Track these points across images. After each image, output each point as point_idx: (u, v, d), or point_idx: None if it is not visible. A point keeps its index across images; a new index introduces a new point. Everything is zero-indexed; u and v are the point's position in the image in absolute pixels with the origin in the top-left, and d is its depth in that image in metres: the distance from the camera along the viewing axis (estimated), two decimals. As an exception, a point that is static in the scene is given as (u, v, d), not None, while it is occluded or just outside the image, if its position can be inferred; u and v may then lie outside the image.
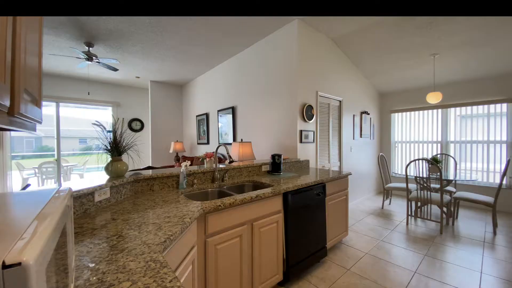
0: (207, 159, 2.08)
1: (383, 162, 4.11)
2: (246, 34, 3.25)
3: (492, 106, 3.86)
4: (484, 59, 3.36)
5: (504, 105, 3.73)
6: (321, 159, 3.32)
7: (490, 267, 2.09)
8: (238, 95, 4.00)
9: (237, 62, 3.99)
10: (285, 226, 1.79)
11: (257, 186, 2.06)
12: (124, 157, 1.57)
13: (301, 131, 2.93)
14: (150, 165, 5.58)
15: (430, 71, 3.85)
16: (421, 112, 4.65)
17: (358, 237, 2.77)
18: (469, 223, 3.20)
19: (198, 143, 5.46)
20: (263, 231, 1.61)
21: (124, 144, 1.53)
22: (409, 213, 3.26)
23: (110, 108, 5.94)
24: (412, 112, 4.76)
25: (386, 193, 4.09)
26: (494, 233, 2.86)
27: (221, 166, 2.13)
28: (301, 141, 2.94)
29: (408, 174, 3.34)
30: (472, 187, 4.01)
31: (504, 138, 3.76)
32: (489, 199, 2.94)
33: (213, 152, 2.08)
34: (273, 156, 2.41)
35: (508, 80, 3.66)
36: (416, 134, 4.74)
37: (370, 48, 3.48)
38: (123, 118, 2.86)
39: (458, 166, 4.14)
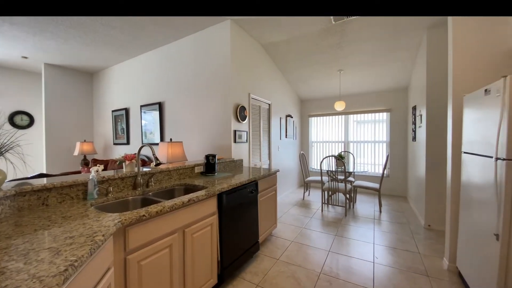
0: (127, 162, 1.79)
1: (304, 159, 4.69)
2: (175, 25, 3.00)
3: (377, 114, 5.04)
4: (373, 78, 4.34)
5: (385, 114, 4.95)
6: (254, 158, 3.46)
7: (379, 238, 2.73)
8: (166, 90, 3.66)
9: (166, 53, 3.64)
10: (220, 227, 1.76)
11: (189, 189, 1.94)
12: (1, 162, 1.15)
13: (235, 131, 2.96)
14: (44, 172, 4.36)
15: (337, 83, 4.67)
16: (331, 117, 5.58)
17: (285, 227, 3.05)
18: (364, 206, 4.08)
19: (115, 144, 4.66)
20: (196, 237, 1.53)
21: (-3, 145, 1.12)
22: (323, 201, 3.85)
23: (-28, 95, 4.27)
24: (325, 117, 5.65)
25: (306, 185, 4.68)
26: (380, 211, 3.75)
27: (145, 169, 1.89)
28: (235, 141, 2.97)
29: (322, 168, 3.93)
30: (365, 177, 5.12)
31: (385, 139, 4.98)
32: (376, 185, 3.83)
33: (135, 153, 1.81)
34: (207, 157, 2.33)
35: (387, 95, 4.87)
36: (327, 135, 5.66)
37: (294, 58, 3.89)
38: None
39: (355, 160, 5.22)
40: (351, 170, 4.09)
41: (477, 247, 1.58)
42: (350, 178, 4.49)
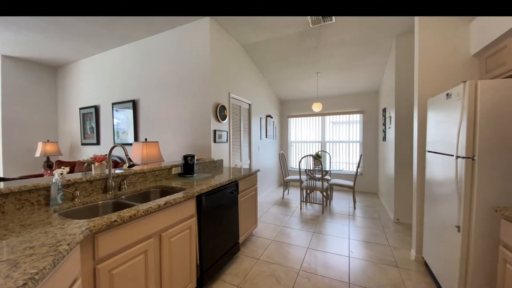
0: (97, 164, 1.67)
1: (283, 159, 4.76)
2: (152, 19, 2.87)
3: (351, 115, 5.30)
4: (348, 80, 4.55)
5: (358, 115, 5.21)
6: (234, 158, 3.43)
7: (353, 233, 2.86)
8: (141, 87, 3.47)
9: (141, 48, 3.46)
10: (199, 230, 1.71)
11: (166, 191, 1.86)
12: None
13: (215, 130, 2.90)
14: (0, 175, 3.91)
15: (315, 85, 4.82)
16: (309, 117, 5.74)
17: (265, 227, 3.07)
18: (339, 202, 4.25)
19: (83, 144, 4.33)
20: (174, 241, 1.47)
21: None
22: (302, 199, 3.94)
23: None
24: (303, 118, 5.79)
25: (285, 184, 4.76)
26: (354, 207, 3.94)
27: (117, 171, 1.77)
28: (215, 141, 2.91)
29: (300, 168, 4.02)
30: (340, 175, 5.35)
31: (358, 139, 5.25)
32: (350, 183, 4.02)
33: (106, 154, 1.69)
34: (185, 157, 2.26)
35: (360, 98, 5.14)
36: (305, 135, 5.81)
37: (273, 59, 3.93)
38: None
39: (331, 159, 5.44)
40: (327, 169, 4.25)
41: (440, 238, 1.72)
42: (327, 177, 4.66)
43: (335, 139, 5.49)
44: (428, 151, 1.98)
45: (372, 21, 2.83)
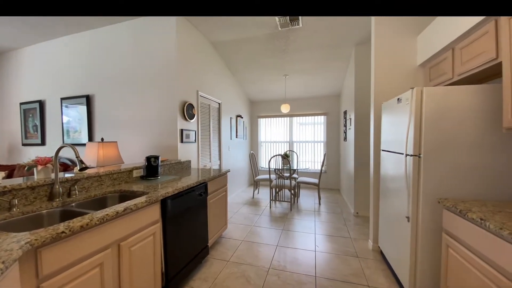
0: (39, 167, 1.45)
1: (253, 159, 4.80)
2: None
3: (316, 117, 5.59)
4: (313, 84, 4.78)
5: (323, 117, 5.53)
6: (203, 158, 3.33)
7: (319, 228, 3.01)
8: (97, 81, 3.14)
9: (96, 38, 3.12)
10: (164, 236, 1.61)
11: (126, 196, 1.71)
12: None
13: (182, 130, 2.77)
14: None
15: (283, 87, 4.96)
16: (278, 118, 5.88)
17: (235, 227, 3.04)
18: (306, 199, 4.45)
19: (24, 144, 3.74)
20: (135, 250, 1.35)
21: None
22: (271, 198, 4.02)
23: None
24: (273, 118, 5.92)
25: (255, 184, 4.80)
26: (319, 204, 4.15)
27: (67, 175, 1.57)
28: (182, 141, 2.78)
29: (270, 167, 4.10)
30: (306, 173, 5.61)
31: (323, 139, 5.56)
32: (316, 181, 4.23)
33: (52, 156, 1.48)
34: (148, 158, 2.11)
35: (324, 100, 5.45)
36: (275, 136, 5.95)
37: (243, 59, 3.92)
38: None
39: (299, 159, 5.67)
40: (295, 167, 4.41)
41: (393, 228, 1.92)
42: (294, 175, 4.83)
43: (301, 139, 5.73)
44: (383, 150, 2.19)
45: (335, 29, 3.02)
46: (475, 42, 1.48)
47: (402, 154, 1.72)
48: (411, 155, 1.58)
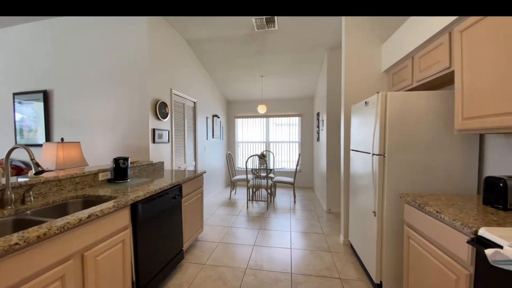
0: (-13, 172, 1.27)
1: (230, 159, 4.76)
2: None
3: (292, 118, 5.74)
4: (289, 86, 4.90)
5: (297, 118, 5.70)
6: (177, 159, 3.21)
7: (294, 226, 3.09)
8: (56, 76, 2.85)
9: (59, 28, 2.83)
10: (135, 242, 1.52)
11: (90, 201, 1.57)
12: None
13: (154, 129, 2.64)
14: None
15: (260, 88, 5.00)
16: (255, 119, 5.92)
17: (212, 229, 2.99)
18: (282, 198, 4.54)
19: (-38, 145, 3.24)
20: (102, 259, 1.26)
21: None
22: (248, 198, 4.03)
23: None
24: (249, 119, 5.94)
25: (232, 185, 4.77)
26: (295, 202, 4.27)
27: (20, 180, 1.40)
28: (154, 141, 2.65)
29: (247, 167, 4.11)
30: (282, 173, 5.73)
31: (297, 139, 5.73)
32: (291, 180, 4.34)
33: (2, 159, 1.31)
34: (116, 160, 1.97)
35: (299, 102, 5.62)
36: (252, 136, 5.97)
37: (219, 59, 3.87)
38: None
39: (275, 158, 5.77)
40: (271, 167, 4.47)
41: (361, 223, 2.05)
42: (271, 175, 4.90)
43: (278, 140, 5.84)
44: (352, 150, 2.33)
45: (309, 34, 3.13)
46: (432, 52, 1.65)
47: (369, 153, 1.85)
48: (377, 155, 1.70)
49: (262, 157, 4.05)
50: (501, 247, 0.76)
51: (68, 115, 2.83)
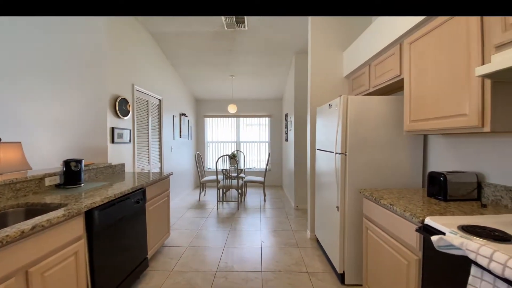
0: None
1: (199, 160, 4.62)
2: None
3: (262, 118, 5.82)
4: (258, 87, 4.96)
5: (267, 119, 5.80)
6: (140, 161, 3.00)
7: (264, 224, 3.14)
8: (-14, 65, 2.41)
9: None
10: (91, 254, 1.37)
11: (35, 210, 1.37)
12: None
13: (112, 128, 2.42)
14: None
15: (230, 88, 4.96)
16: (225, 118, 5.85)
17: (179, 234, 2.86)
18: (252, 197, 4.58)
19: None
20: (51, 275, 1.11)
21: None
22: (219, 199, 3.97)
23: None
24: (219, 118, 5.85)
25: (202, 186, 4.64)
26: (265, 200, 4.34)
27: None
28: (113, 141, 2.43)
29: (217, 167, 4.04)
30: (253, 172, 5.78)
31: (267, 139, 5.84)
32: (261, 179, 4.41)
33: None
34: (67, 163, 1.75)
35: (269, 103, 5.73)
36: (222, 136, 5.89)
37: (187, 55, 3.72)
38: None
39: (245, 158, 5.79)
40: (242, 167, 4.48)
41: (326, 218, 2.17)
42: (241, 175, 4.90)
43: (248, 140, 5.87)
44: (317, 149, 2.46)
45: (277, 37, 3.21)
46: (385, 61, 1.83)
47: (333, 152, 1.97)
48: (339, 153, 1.83)
49: (233, 157, 4.02)
50: (443, 233, 0.88)
51: (7, 113, 2.42)
